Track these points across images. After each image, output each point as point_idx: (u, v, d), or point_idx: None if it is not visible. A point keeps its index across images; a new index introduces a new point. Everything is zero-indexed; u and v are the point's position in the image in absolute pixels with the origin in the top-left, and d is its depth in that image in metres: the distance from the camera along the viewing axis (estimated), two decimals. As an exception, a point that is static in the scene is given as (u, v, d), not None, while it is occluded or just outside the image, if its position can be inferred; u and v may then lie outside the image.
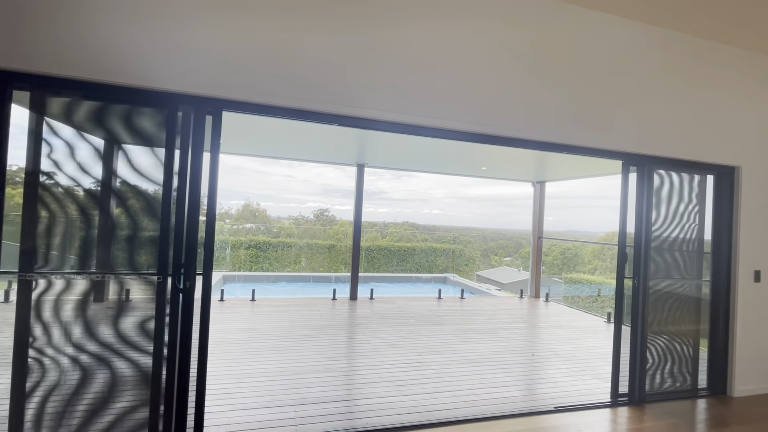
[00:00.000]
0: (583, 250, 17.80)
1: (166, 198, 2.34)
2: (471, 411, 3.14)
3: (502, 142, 3.07)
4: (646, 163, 3.48)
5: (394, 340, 4.87)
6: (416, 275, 12.40)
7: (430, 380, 3.71)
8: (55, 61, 2.14)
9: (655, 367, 3.54)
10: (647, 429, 3.03)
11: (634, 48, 3.37)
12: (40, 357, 2.17)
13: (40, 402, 2.16)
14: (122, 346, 2.30)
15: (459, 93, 2.89)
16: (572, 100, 3.20)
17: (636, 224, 3.48)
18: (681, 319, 3.65)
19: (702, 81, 3.63)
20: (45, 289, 2.19)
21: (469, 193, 44.45)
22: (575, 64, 3.20)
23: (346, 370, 3.88)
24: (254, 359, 4.03)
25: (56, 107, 2.22)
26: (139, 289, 2.35)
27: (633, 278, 3.48)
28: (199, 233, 2.44)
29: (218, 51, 2.39)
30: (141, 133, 2.34)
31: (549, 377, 3.95)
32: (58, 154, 2.20)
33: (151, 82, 2.28)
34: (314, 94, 2.58)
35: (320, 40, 2.58)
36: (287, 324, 5.37)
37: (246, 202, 20.64)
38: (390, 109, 2.74)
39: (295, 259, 12.15)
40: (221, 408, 2.99)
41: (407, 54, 2.76)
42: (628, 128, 3.37)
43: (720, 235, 3.78)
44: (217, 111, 2.46)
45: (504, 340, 5.10)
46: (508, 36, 3.00)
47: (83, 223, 2.28)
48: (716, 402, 3.59)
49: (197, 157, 2.41)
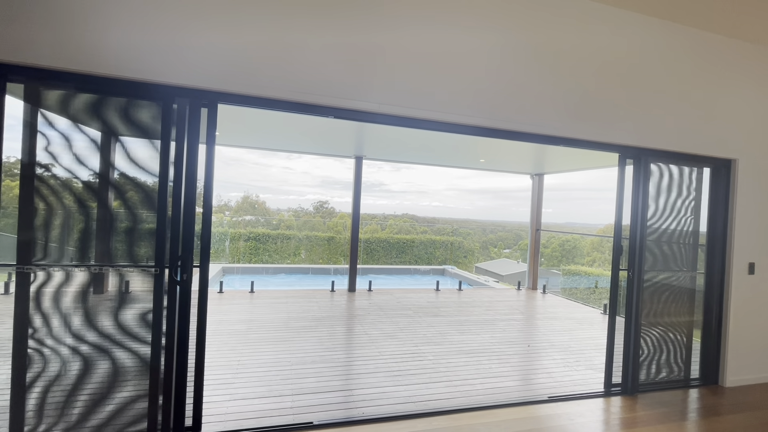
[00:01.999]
0: (581, 242, 17.86)
1: (162, 190, 2.35)
2: (467, 401, 3.19)
3: (500, 135, 3.08)
4: (642, 155, 3.48)
5: (392, 332, 4.91)
6: (415, 267, 12.45)
7: (426, 371, 3.76)
8: (50, 53, 2.13)
9: (649, 358, 3.58)
10: (639, 418, 3.08)
11: (631, 40, 3.35)
12: (40, 348, 2.20)
13: (40, 393, 2.20)
14: (120, 337, 2.33)
15: (458, 86, 2.88)
16: (569, 94, 3.19)
17: (632, 216, 3.50)
18: (675, 311, 3.68)
19: (700, 73, 3.61)
20: (43, 281, 2.21)
21: (469, 185, 44.45)
22: (573, 58, 3.19)
23: (344, 361, 3.93)
24: (253, 350, 4.08)
25: (51, 99, 2.22)
26: (137, 281, 2.37)
27: (628, 270, 3.51)
28: (195, 225, 2.46)
29: (213, 43, 2.38)
30: (137, 125, 2.34)
31: (544, 368, 4.00)
32: (54, 146, 2.21)
33: (146, 74, 2.27)
34: (312, 87, 2.56)
35: (319, 33, 2.56)
36: (286, 315, 5.41)
37: (245, 194, 20.64)
38: (390, 102, 2.73)
39: (295, 251, 12.19)
40: (220, 398, 3.03)
41: (408, 47, 2.74)
42: (624, 121, 3.37)
43: (715, 228, 3.80)
44: (213, 104, 2.46)
45: (500, 332, 5.15)
46: (507, 30, 2.98)
47: (80, 215, 2.29)
48: (708, 392, 3.64)
49: (193, 149, 2.41)
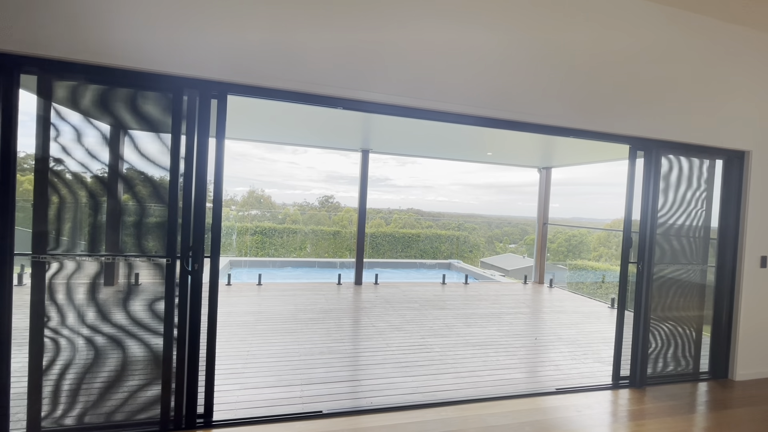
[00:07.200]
0: (588, 237, 17.72)
1: (173, 181, 2.37)
2: (474, 392, 3.20)
3: (509, 126, 3.06)
4: (653, 147, 3.44)
5: (399, 324, 4.94)
6: (420, 261, 12.46)
7: (433, 362, 3.78)
8: (61, 45, 2.14)
9: (657, 351, 3.57)
10: (648, 410, 3.08)
11: (643, 30, 3.30)
12: (55, 337, 2.24)
13: (55, 379, 2.25)
14: (133, 326, 2.37)
15: (468, 77, 2.85)
16: (580, 85, 3.16)
17: (642, 209, 3.47)
18: (684, 304, 3.66)
19: (712, 63, 3.55)
20: (57, 271, 2.24)
21: (474, 180, 44.18)
22: (584, 49, 3.14)
23: (352, 352, 3.96)
24: (261, 341, 4.12)
25: (63, 92, 2.24)
26: (149, 272, 2.40)
27: (637, 263, 3.49)
28: (206, 217, 2.48)
29: (222, 34, 2.38)
30: (147, 117, 2.36)
31: (551, 360, 4.00)
32: (66, 139, 2.23)
33: (156, 65, 2.28)
34: (321, 78, 2.56)
35: (329, 23, 2.55)
36: (293, 308, 5.46)
37: (251, 188, 20.70)
38: (399, 93, 2.72)
39: (301, 245, 12.25)
40: (230, 387, 3.08)
41: (418, 38, 2.72)
42: (635, 112, 3.32)
43: (727, 221, 3.75)
44: (222, 95, 2.46)
45: (507, 325, 5.15)
46: (517, 21, 2.95)
47: (92, 207, 2.32)
48: (717, 385, 3.62)
49: (203, 140, 2.43)
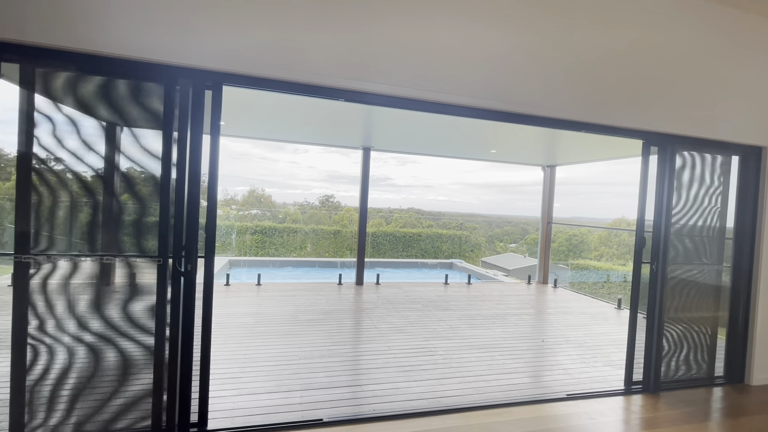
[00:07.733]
0: (589, 236, 17.60)
1: (165, 177, 2.23)
2: (480, 398, 3.07)
3: (517, 120, 2.92)
4: (668, 142, 3.30)
5: (401, 326, 4.80)
6: (422, 261, 12.34)
7: (437, 366, 3.65)
8: (45, 31, 2.01)
9: (670, 355, 3.43)
10: (663, 417, 2.94)
11: (657, 20, 3.16)
12: (40, 339, 2.11)
13: (42, 387, 2.11)
14: (122, 329, 2.24)
15: (473, 69, 2.72)
16: (592, 77, 3.02)
17: (656, 208, 3.32)
18: (699, 306, 3.52)
19: (728, 56, 3.41)
20: (44, 271, 2.11)
21: (475, 180, 44.10)
22: (597, 41, 3.00)
23: (353, 356, 3.83)
24: (260, 344, 3.99)
25: (47, 82, 2.10)
26: (140, 272, 2.27)
27: (651, 263, 3.35)
28: (200, 216, 2.34)
29: (218, 20, 2.25)
30: (137, 109, 2.22)
31: (560, 364, 3.86)
32: (49, 133, 2.09)
33: (147, 53, 2.14)
34: (321, 68, 2.42)
35: (330, 12, 2.41)
36: (293, 309, 5.32)
37: (252, 188, 20.58)
38: (403, 84, 2.59)
39: (301, 245, 12.12)
40: (226, 392, 2.94)
41: (422, 29, 2.59)
42: (649, 106, 3.19)
43: (743, 219, 3.61)
44: (217, 85, 2.33)
45: (512, 326, 5.02)
46: (525, 12, 2.81)
47: (80, 205, 2.18)
48: (733, 390, 3.49)
49: (197, 134, 2.29)
